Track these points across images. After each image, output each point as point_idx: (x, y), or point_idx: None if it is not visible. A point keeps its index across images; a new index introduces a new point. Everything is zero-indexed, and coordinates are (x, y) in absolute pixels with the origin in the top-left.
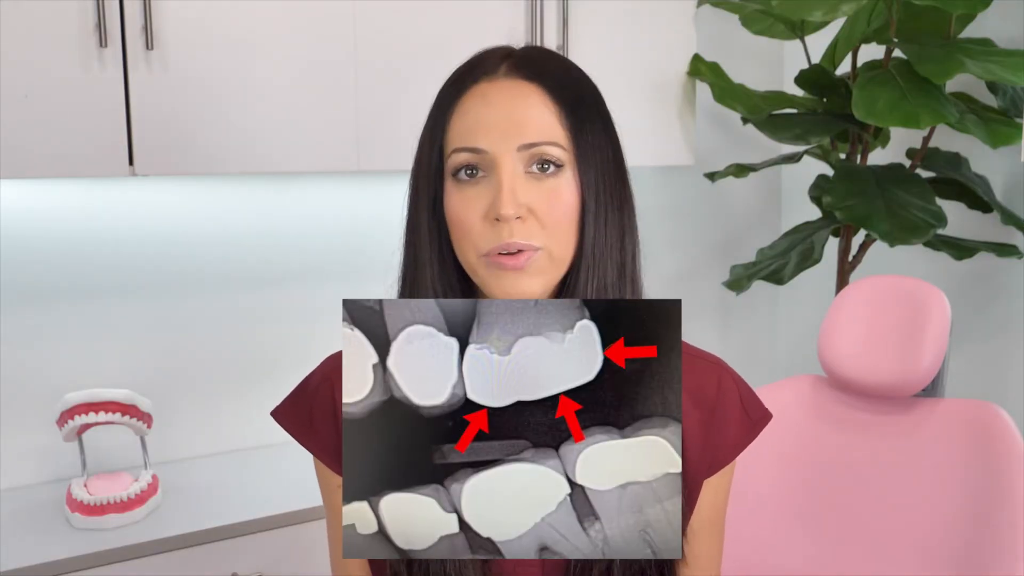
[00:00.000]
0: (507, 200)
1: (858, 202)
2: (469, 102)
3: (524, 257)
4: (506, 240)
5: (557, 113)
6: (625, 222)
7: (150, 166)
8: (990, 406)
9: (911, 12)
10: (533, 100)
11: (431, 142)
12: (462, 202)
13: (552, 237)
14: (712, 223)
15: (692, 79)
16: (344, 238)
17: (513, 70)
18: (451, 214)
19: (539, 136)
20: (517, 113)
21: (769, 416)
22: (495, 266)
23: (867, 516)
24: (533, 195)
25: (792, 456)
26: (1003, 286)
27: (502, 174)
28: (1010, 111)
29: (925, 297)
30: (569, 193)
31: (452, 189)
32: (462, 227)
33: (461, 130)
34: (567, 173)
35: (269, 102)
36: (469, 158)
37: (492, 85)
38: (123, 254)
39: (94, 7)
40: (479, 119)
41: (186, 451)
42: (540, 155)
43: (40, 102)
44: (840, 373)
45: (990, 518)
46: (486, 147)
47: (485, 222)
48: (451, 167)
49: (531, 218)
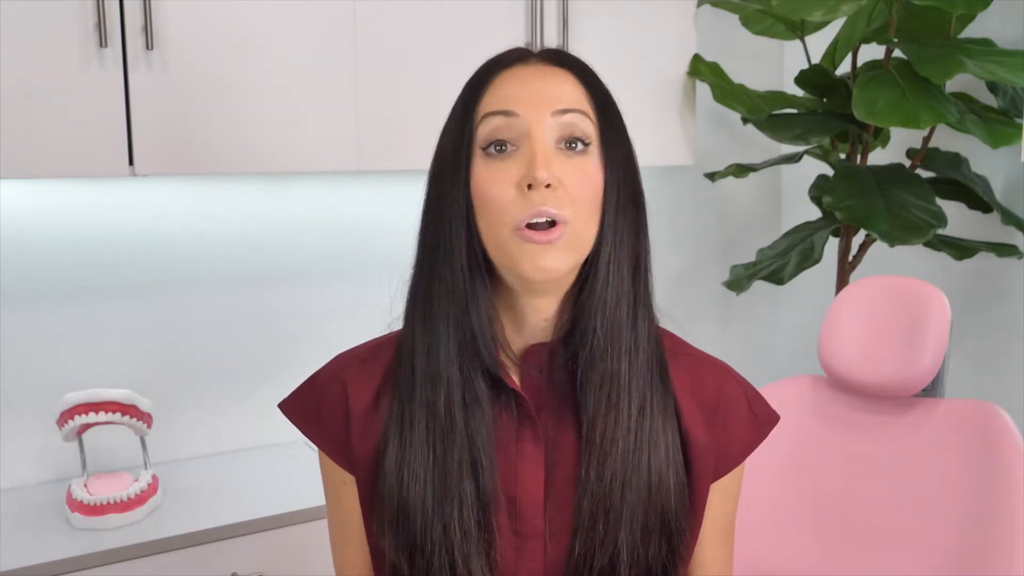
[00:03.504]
0: (541, 163)
1: (858, 202)
2: (503, 79)
3: (556, 231)
4: (538, 207)
5: (586, 95)
6: (640, 220)
7: (150, 166)
8: (990, 406)
9: (911, 12)
10: (566, 78)
11: (462, 118)
12: (492, 176)
13: (579, 213)
14: (712, 223)
15: (692, 79)
16: (344, 238)
17: (544, 58)
18: (480, 189)
19: (572, 104)
20: (550, 85)
21: (777, 417)
22: (526, 240)
23: (867, 515)
24: (564, 168)
25: (792, 456)
26: (1003, 286)
27: (535, 142)
28: (1010, 111)
29: (925, 297)
30: (596, 173)
31: (481, 164)
32: (493, 201)
33: (494, 100)
34: (594, 154)
35: (269, 102)
36: (500, 122)
37: (526, 67)
38: (123, 254)
39: (94, 7)
40: (513, 89)
41: (186, 451)
42: (571, 126)
43: (40, 102)
44: (840, 373)
45: (990, 518)
46: (520, 111)
47: (517, 192)
48: (482, 138)
49: (561, 188)
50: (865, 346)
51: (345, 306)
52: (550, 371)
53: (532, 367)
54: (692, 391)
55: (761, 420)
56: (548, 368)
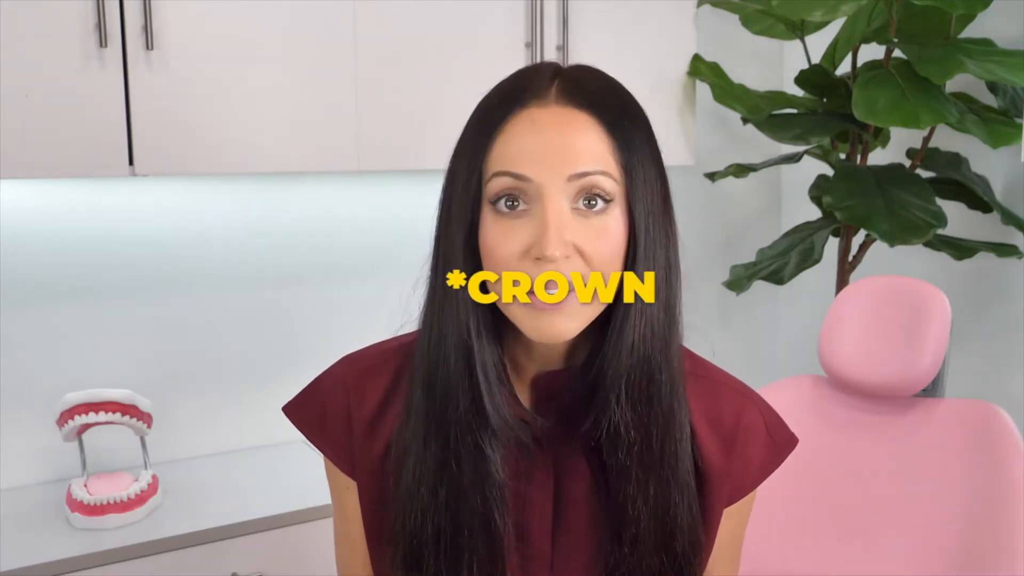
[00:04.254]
0: (553, 240)
1: (858, 202)
2: (517, 127)
3: (565, 298)
4: (549, 281)
5: (609, 144)
6: (671, 256)
7: (150, 166)
8: (990, 406)
9: (911, 12)
10: (585, 129)
11: (469, 165)
12: (500, 235)
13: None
14: (712, 223)
15: (692, 79)
16: (344, 238)
17: (564, 96)
18: (487, 246)
19: (591, 165)
20: (568, 140)
21: (795, 441)
22: (532, 307)
23: (867, 515)
24: (580, 233)
25: (792, 456)
26: (1003, 286)
27: (548, 210)
28: (1010, 111)
29: (925, 297)
30: (618, 231)
31: (490, 219)
32: (499, 262)
33: (505, 155)
34: (615, 209)
35: (269, 102)
36: (512, 184)
37: (542, 111)
38: (123, 254)
39: (94, 7)
40: (526, 145)
41: (186, 451)
42: (590, 187)
43: (40, 102)
44: (840, 373)
45: (990, 518)
46: (532, 175)
47: (525, 259)
48: (491, 193)
49: (576, 258)
50: (865, 346)
51: (345, 305)
52: (563, 400)
53: (542, 393)
54: (709, 417)
55: (779, 445)
56: (559, 397)
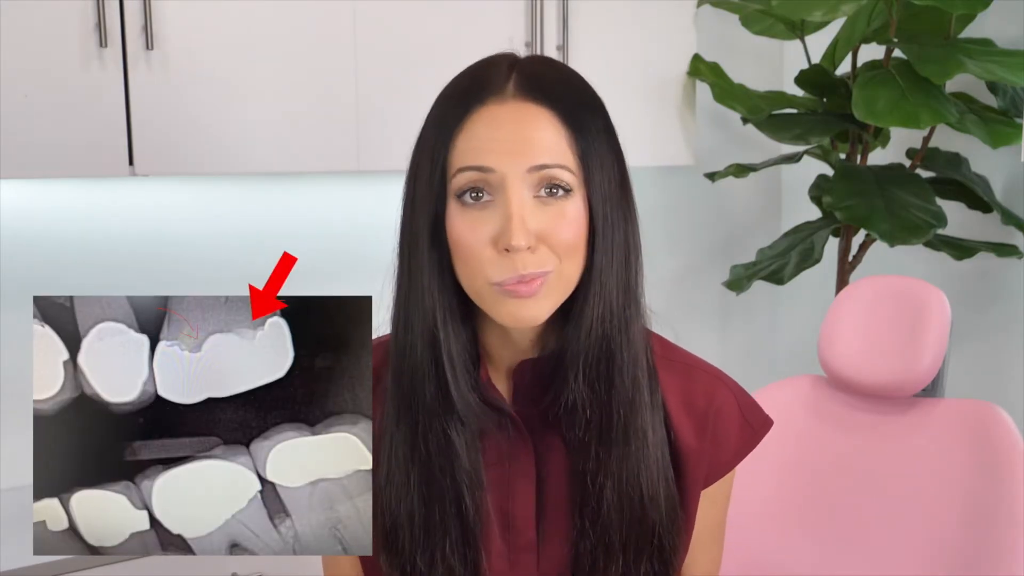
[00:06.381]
0: (517, 230)
1: (858, 202)
2: (476, 123)
3: (537, 283)
4: (520, 272)
5: (567, 137)
6: (630, 239)
7: (150, 166)
8: (990, 406)
9: (911, 12)
10: (543, 123)
11: (432, 161)
12: (468, 226)
13: (562, 260)
14: (712, 223)
15: (692, 79)
16: (344, 238)
17: (520, 91)
18: (456, 238)
19: (549, 158)
20: (526, 134)
21: (770, 423)
22: (506, 294)
23: (867, 516)
24: (542, 220)
25: (791, 456)
26: (1003, 286)
27: (511, 200)
28: (1010, 111)
29: (925, 297)
30: (578, 216)
31: (456, 211)
32: (469, 253)
33: (468, 150)
34: (575, 196)
35: (269, 102)
36: (476, 177)
37: (501, 108)
38: (123, 254)
39: (94, 7)
40: (487, 139)
41: None
42: (549, 178)
43: (40, 102)
44: (840, 373)
45: (990, 518)
46: (495, 166)
47: (495, 251)
48: (456, 188)
49: (542, 246)
50: (865, 346)
51: None
52: (539, 387)
53: (520, 382)
54: (682, 398)
55: (754, 426)
56: (536, 384)
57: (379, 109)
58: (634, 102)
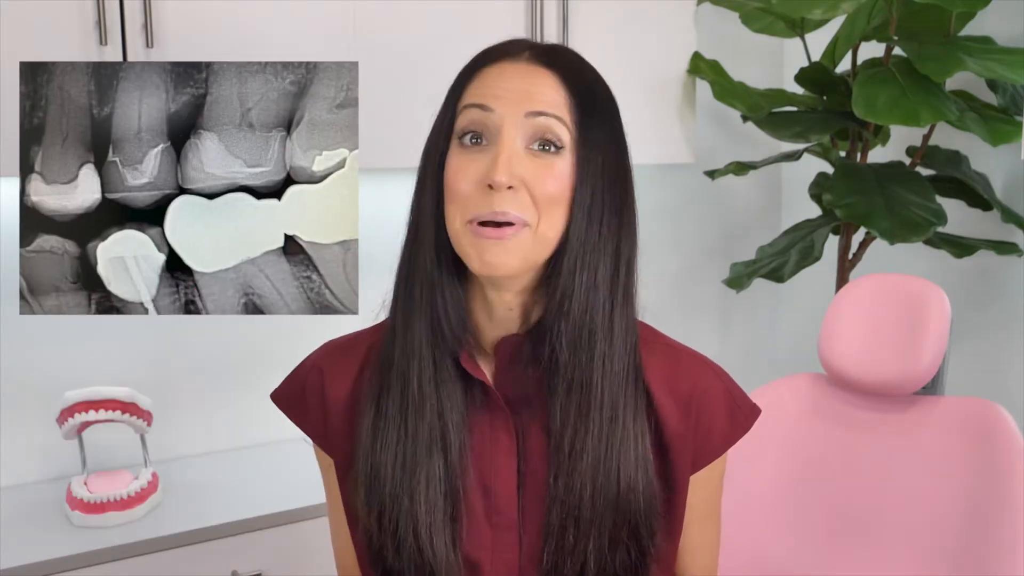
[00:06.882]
0: (502, 167)
1: (858, 200)
2: (488, 73)
3: (509, 230)
4: (495, 208)
5: (567, 100)
6: (623, 228)
7: None
8: (990, 404)
9: (911, 10)
10: (548, 81)
11: (445, 108)
12: (460, 166)
13: (540, 215)
14: (712, 221)
15: (692, 77)
16: None
17: (534, 58)
18: (448, 176)
19: (547, 108)
20: (530, 87)
21: (757, 411)
22: (476, 234)
23: (867, 514)
24: (529, 168)
25: (791, 454)
26: (1003, 284)
27: (503, 142)
28: (1010, 109)
29: (925, 295)
30: (564, 174)
31: (455, 152)
32: (456, 193)
33: (474, 92)
34: (566, 156)
35: None
36: (477, 115)
37: (513, 65)
38: None
39: (94, 6)
40: (493, 85)
41: (186, 449)
42: (544, 129)
43: None
44: (840, 371)
45: (990, 516)
46: (495, 107)
47: (477, 188)
48: (459, 128)
49: (523, 190)
50: (865, 344)
51: None
52: (521, 364)
53: (502, 358)
54: (667, 382)
55: (743, 411)
56: (518, 361)
57: (379, 109)
58: (634, 100)
